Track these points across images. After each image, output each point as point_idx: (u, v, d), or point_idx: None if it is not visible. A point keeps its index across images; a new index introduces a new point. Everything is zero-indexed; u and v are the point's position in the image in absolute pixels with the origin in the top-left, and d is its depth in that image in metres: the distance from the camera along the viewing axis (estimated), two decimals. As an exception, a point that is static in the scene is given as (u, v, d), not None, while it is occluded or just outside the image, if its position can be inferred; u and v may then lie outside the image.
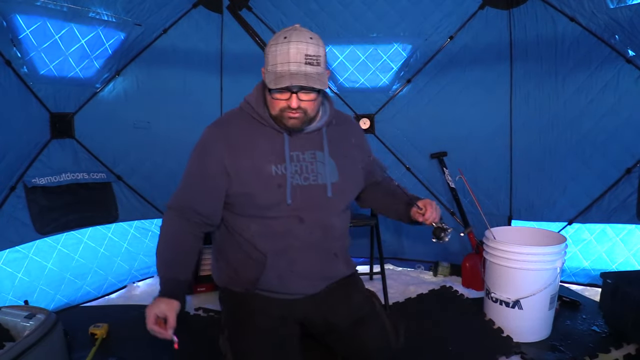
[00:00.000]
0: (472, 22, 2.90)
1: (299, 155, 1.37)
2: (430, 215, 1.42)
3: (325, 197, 1.37)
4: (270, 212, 1.34)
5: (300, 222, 1.35)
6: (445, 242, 1.45)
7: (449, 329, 2.24)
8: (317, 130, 1.41)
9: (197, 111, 2.96)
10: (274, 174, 1.33)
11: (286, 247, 1.36)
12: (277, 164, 1.34)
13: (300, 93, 1.26)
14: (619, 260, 2.70)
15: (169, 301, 1.29)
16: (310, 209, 1.36)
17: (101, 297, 2.68)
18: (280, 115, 1.30)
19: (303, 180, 1.36)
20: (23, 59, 2.23)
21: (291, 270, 1.38)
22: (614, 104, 2.60)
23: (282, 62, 1.23)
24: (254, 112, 1.37)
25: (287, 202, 1.32)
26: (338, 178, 1.40)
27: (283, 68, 1.23)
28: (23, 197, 2.29)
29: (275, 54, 1.24)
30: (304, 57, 1.22)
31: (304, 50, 1.22)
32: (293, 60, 1.22)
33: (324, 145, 1.41)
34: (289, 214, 1.34)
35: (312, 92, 1.27)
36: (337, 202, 1.41)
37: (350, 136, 1.51)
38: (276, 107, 1.30)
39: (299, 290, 1.41)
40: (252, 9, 3.02)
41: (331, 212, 1.41)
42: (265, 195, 1.33)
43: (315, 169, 1.38)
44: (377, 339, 1.41)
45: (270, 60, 1.25)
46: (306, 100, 1.27)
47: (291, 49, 1.22)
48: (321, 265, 1.42)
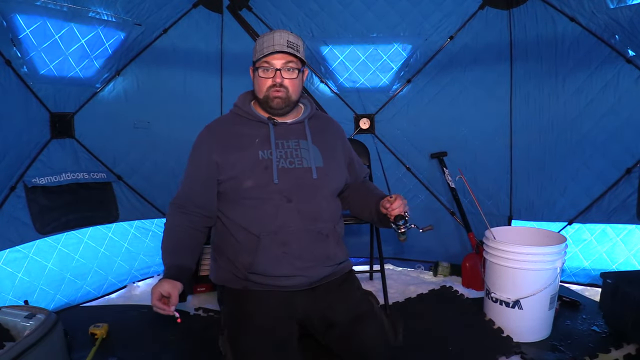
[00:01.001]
0: (472, 22, 2.90)
1: (283, 142, 1.50)
2: (397, 205, 1.44)
3: (310, 179, 1.47)
4: (260, 194, 1.44)
5: (289, 202, 1.44)
6: (402, 237, 1.46)
7: (449, 329, 2.24)
8: (300, 122, 1.55)
9: (197, 111, 2.96)
10: (261, 157, 1.46)
11: (277, 228, 1.43)
12: (264, 150, 1.47)
13: (283, 71, 1.45)
14: (619, 261, 2.70)
15: (172, 282, 1.40)
16: (297, 190, 1.45)
17: (101, 297, 2.68)
18: (266, 96, 1.47)
19: (289, 164, 1.47)
20: (23, 58, 2.23)
21: (284, 252, 1.43)
22: (614, 104, 2.60)
23: (267, 45, 1.44)
24: (241, 110, 1.54)
25: (274, 182, 1.42)
26: (322, 163, 1.51)
27: (268, 49, 1.43)
28: (23, 197, 2.29)
29: (261, 42, 1.46)
30: (286, 41, 1.43)
31: (285, 37, 1.44)
32: (277, 43, 1.43)
33: (307, 134, 1.54)
34: (278, 195, 1.43)
35: (293, 71, 1.46)
36: (323, 185, 1.50)
37: (331, 131, 1.65)
38: (263, 87, 1.47)
39: (294, 272, 1.44)
40: (252, 9, 3.02)
41: (318, 194, 1.49)
42: (253, 177, 1.43)
43: (300, 154, 1.50)
44: (375, 337, 1.42)
45: (257, 48, 1.48)
46: (288, 78, 1.46)
47: (275, 36, 1.44)
48: (312, 245, 1.46)
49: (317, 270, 1.47)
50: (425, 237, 3.14)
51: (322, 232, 1.48)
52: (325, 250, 1.49)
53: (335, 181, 1.56)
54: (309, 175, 1.47)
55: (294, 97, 1.50)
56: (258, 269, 1.43)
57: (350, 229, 2.48)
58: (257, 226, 1.43)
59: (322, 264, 1.48)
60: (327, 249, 1.49)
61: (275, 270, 1.43)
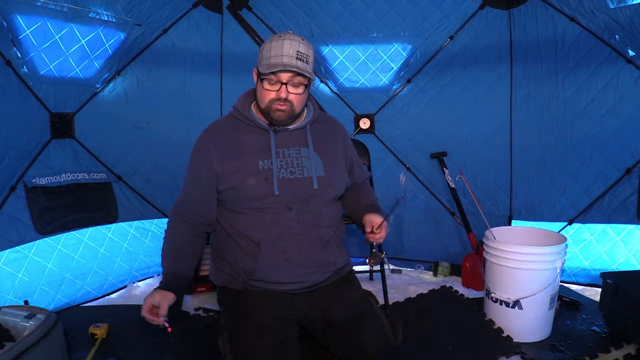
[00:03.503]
0: (472, 22, 2.90)
1: (284, 151, 1.46)
2: (380, 236, 1.43)
3: (311, 189, 1.44)
4: (260, 204, 1.42)
5: (289, 210, 1.42)
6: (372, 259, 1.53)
7: (449, 329, 2.23)
8: (302, 128, 1.50)
9: (197, 111, 2.97)
10: (261, 168, 1.42)
11: (277, 236, 1.42)
12: (264, 159, 1.43)
13: (289, 85, 1.37)
14: (619, 261, 2.70)
15: (164, 292, 1.42)
16: (297, 200, 1.43)
17: (101, 297, 2.68)
18: (268, 107, 1.40)
19: (289, 174, 1.43)
20: (23, 59, 2.23)
21: (284, 259, 1.42)
22: (614, 104, 2.60)
23: (275, 55, 1.34)
24: (240, 115, 1.48)
25: (274, 193, 1.40)
26: (324, 172, 1.48)
27: (276, 60, 1.34)
28: (23, 197, 2.29)
29: (269, 48, 1.36)
30: (295, 52, 1.34)
31: (296, 46, 1.34)
32: (286, 54, 1.33)
33: (309, 142, 1.49)
34: (278, 204, 1.42)
35: (300, 86, 1.38)
36: (324, 194, 1.47)
37: (333, 135, 1.59)
38: (266, 98, 1.40)
39: (294, 278, 1.44)
40: (252, 9, 3.02)
41: (319, 203, 1.47)
42: (253, 188, 1.41)
43: (301, 163, 1.46)
44: (375, 336, 1.42)
45: (264, 55, 1.37)
46: (294, 93, 1.39)
47: (285, 44, 1.34)
48: (313, 252, 1.45)
49: (318, 276, 1.47)
50: (425, 237, 3.18)
51: (322, 238, 1.47)
52: (325, 256, 1.48)
53: (337, 189, 1.54)
54: (309, 186, 1.44)
55: (297, 110, 1.44)
56: (259, 276, 1.43)
57: (350, 229, 2.48)
58: (256, 234, 1.42)
59: (322, 270, 1.48)
60: (328, 255, 1.48)
61: (276, 277, 1.43)
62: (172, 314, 1.42)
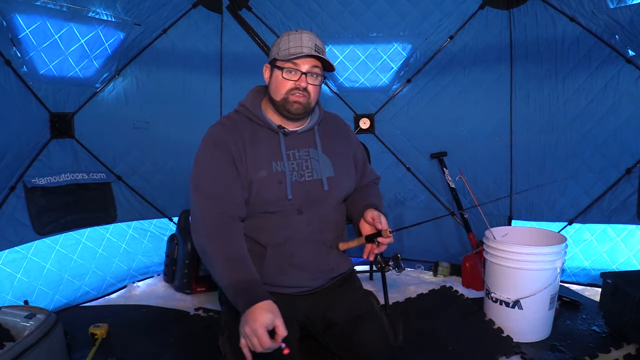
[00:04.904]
0: (472, 22, 2.90)
1: (294, 153, 1.44)
2: (388, 241, 1.38)
3: (322, 191, 1.43)
4: (273, 207, 1.39)
5: (299, 214, 1.41)
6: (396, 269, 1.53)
7: (449, 329, 2.23)
8: (310, 129, 1.48)
9: (197, 111, 2.97)
10: (274, 170, 1.39)
11: (285, 240, 1.40)
12: (276, 161, 1.41)
13: (308, 76, 1.37)
14: (619, 261, 2.70)
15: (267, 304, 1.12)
16: (309, 203, 1.41)
17: (101, 297, 2.68)
18: (285, 99, 1.38)
19: (299, 177, 1.42)
20: (23, 58, 2.23)
21: (290, 264, 1.41)
22: (614, 104, 2.60)
23: (295, 45, 1.34)
24: (250, 114, 1.44)
25: (288, 197, 1.38)
26: (333, 173, 1.47)
27: (296, 50, 1.34)
28: (23, 197, 2.29)
29: (287, 40, 1.36)
30: (314, 44, 1.35)
31: (314, 40, 1.36)
32: (305, 45, 1.34)
33: (317, 143, 1.48)
34: (290, 207, 1.40)
35: (318, 77, 1.39)
36: (334, 195, 1.47)
37: (340, 134, 1.58)
38: (283, 89, 1.37)
39: (299, 283, 1.43)
40: (252, 9, 3.02)
41: (328, 204, 1.46)
42: (268, 192, 1.38)
43: (310, 165, 1.44)
44: (375, 336, 1.41)
45: (283, 46, 1.36)
46: (312, 84, 1.38)
47: (304, 36, 1.35)
48: (318, 257, 1.44)
49: (321, 281, 1.47)
50: (425, 237, 3.18)
51: (326, 242, 1.46)
52: (329, 262, 1.47)
53: (346, 189, 1.53)
54: (320, 188, 1.43)
55: (313, 104, 1.43)
56: (264, 280, 1.39)
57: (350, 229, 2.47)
58: (264, 237, 1.40)
59: (326, 276, 1.48)
60: (332, 261, 1.48)
61: (281, 281, 1.42)
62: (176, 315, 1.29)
